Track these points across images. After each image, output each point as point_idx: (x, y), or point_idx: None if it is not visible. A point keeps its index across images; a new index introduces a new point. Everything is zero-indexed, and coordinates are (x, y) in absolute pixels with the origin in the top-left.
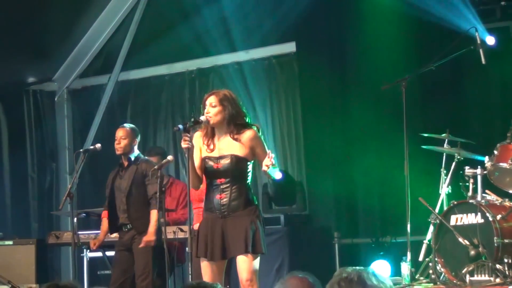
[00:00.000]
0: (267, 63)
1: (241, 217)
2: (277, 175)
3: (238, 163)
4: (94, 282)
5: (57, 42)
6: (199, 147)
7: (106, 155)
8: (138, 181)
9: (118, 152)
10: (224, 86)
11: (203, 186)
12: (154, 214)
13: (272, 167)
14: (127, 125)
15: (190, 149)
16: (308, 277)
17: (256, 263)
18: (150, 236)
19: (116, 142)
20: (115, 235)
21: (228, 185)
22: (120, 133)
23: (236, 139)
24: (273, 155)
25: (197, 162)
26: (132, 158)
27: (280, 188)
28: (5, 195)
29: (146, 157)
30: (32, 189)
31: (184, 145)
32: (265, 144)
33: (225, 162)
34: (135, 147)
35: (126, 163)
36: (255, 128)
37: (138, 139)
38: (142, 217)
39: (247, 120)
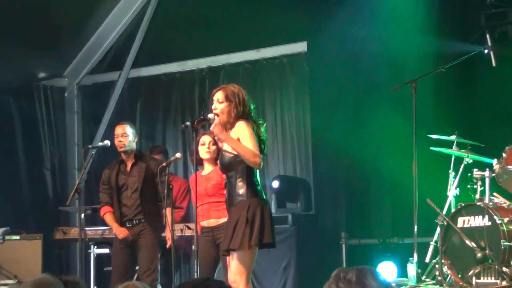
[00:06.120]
0: (278, 62)
1: (232, 213)
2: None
3: (225, 157)
4: (100, 278)
5: (68, 37)
6: None
7: (115, 152)
8: (149, 179)
9: (121, 149)
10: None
11: (207, 183)
12: (169, 211)
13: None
14: (126, 122)
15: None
16: None
17: (242, 261)
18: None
19: (118, 139)
20: None
21: (226, 180)
22: (120, 130)
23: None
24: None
25: None
26: (137, 155)
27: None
28: (23, 189)
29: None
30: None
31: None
32: (248, 135)
33: (222, 157)
34: (135, 144)
35: (131, 160)
36: (243, 122)
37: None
38: (154, 213)
39: (252, 116)
